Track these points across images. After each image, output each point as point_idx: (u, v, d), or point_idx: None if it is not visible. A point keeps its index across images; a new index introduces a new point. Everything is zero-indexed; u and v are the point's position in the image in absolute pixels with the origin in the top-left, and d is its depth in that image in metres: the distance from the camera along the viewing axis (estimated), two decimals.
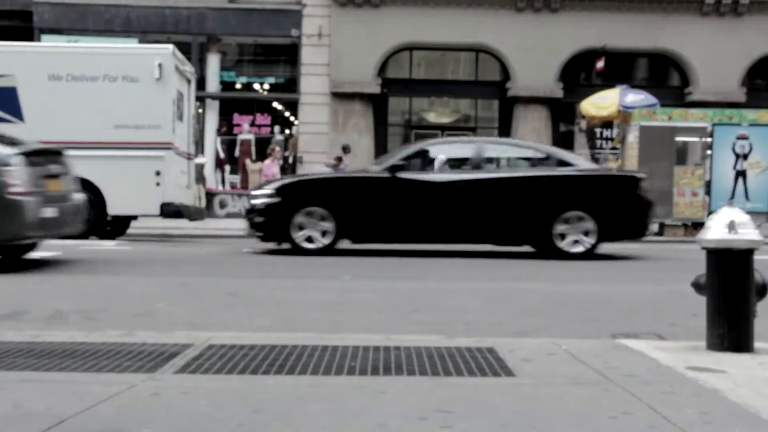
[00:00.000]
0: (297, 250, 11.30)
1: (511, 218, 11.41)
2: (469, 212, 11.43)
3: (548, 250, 11.36)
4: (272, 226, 11.44)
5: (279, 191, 11.52)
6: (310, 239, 11.34)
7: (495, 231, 11.54)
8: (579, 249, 11.25)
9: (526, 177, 11.64)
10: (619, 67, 22.64)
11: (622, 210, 11.51)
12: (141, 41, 21.19)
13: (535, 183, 11.51)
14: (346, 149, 20.65)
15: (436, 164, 11.68)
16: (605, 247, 11.88)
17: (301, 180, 12.37)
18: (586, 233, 11.28)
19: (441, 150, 12.29)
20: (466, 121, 24.12)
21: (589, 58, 22.67)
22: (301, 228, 11.32)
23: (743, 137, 16.78)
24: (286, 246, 11.59)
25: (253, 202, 11.73)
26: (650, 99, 18.32)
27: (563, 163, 11.81)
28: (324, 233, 11.34)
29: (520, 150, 12.89)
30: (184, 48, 18.51)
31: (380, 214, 11.47)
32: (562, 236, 11.28)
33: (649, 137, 16.55)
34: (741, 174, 16.91)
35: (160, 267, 9.70)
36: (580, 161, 12.43)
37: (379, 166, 11.84)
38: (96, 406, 3.11)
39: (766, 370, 3.87)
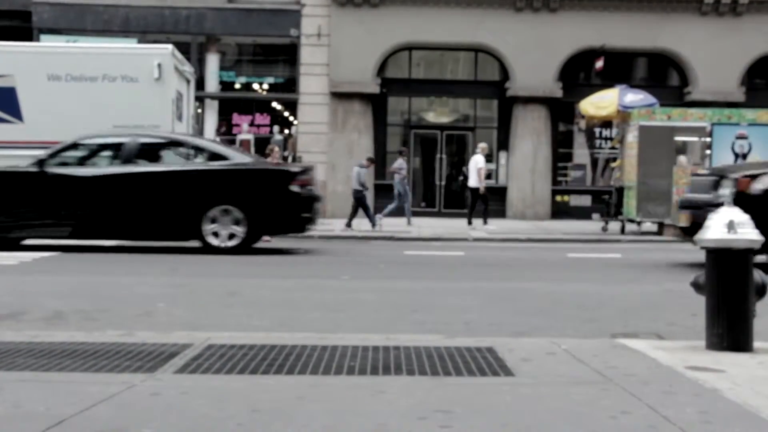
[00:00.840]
0: None
1: (160, 213, 11.28)
2: (119, 207, 11.29)
3: (203, 245, 11.21)
4: None
5: None
6: None
7: (145, 226, 11.38)
8: (229, 243, 11.16)
9: (173, 171, 11.50)
10: (618, 67, 22.61)
11: (273, 205, 11.37)
12: (140, 41, 21.16)
13: (183, 177, 11.37)
14: (402, 153, 20.28)
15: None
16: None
17: None
18: (237, 226, 11.17)
19: (94, 143, 12.11)
20: (465, 120, 24.07)
21: (588, 58, 22.64)
22: None
23: (742, 137, 16.77)
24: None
25: None
26: (649, 99, 18.30)
27: (219, 157, 11.64)
28: None
29: (174, 144, 12.45)
30: (183, 48, 18.49)
31: (27, 210, 11.23)
32: (214, 232, 11.19)
33: (648, 137, 16.52)
34: None
35: (159, 267, 9.69)
36: (236, 155, 12.03)
37: (30, 161, 11.61)
38: (96, 406, 3.11)
39: (766, 369, 3.87)
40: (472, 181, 18.68)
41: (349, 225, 16.78)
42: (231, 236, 11.22)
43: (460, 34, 22.31)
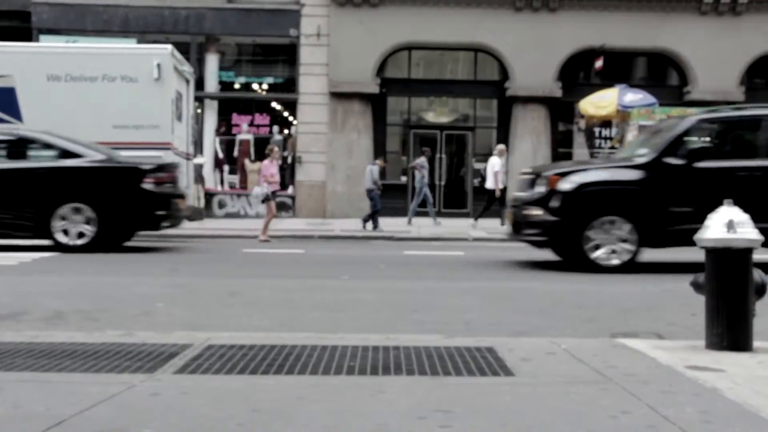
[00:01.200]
0: None
1: (7, 211, 11.25)
2: None
3: (55, 244, 11.21)
4: None
5: None
6: None
7: None
8: (79, 242, 11.19)
9: (20, 169, 11.49)
10: (618, 67, 22.61)
11: (124, 203, 11.39)
12: (139, 41, 21.16)
13: (31, 175, 11.35)
14: (425, 152, 20.24)
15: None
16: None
17: None
18: (88, 224, 11.21)
19: None
20: (465, 120, 24.07)
21: (587, 58, 22.65)
22: None
23: None
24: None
25: None
26: (649, 98, 18.30)
27: (72, 155, 11.57)
28: None
29: (25, 141, 12.10)
30: (182, 48, 18.49)
31: None
32: (64, 230, 11.23)
33: None
34: None
35: (159, 267, 9.70)
36: (90, 153, 11.81)
37: None
38: (95, 406, 3.11)
39: (765, 369, 3.87)
40: (489, 183, 18.79)
41: (366, 222, 16.89)
42: (82, 234, 11.24)
43: (460, 34, 22.31)
